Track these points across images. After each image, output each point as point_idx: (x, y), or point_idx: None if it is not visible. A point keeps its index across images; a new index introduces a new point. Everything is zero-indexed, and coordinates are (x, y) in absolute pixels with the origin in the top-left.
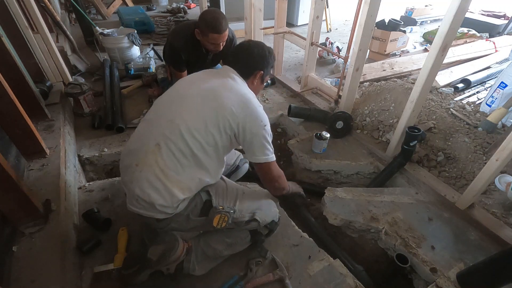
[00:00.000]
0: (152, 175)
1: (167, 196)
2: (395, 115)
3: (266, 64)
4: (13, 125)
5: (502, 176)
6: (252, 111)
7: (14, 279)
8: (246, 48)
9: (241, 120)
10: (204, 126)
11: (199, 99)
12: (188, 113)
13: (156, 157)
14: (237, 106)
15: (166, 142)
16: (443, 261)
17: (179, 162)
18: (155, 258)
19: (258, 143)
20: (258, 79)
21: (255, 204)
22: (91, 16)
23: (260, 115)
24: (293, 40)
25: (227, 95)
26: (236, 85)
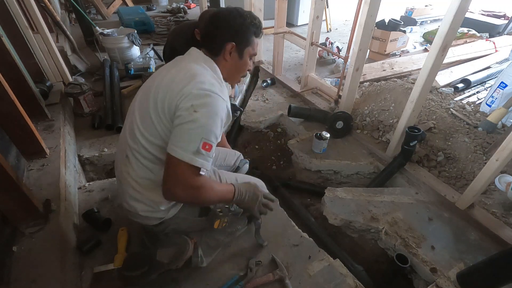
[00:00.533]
0: (130, 187)
1: (150, 204)
2: (395, 115)
3: (237, 31)
4: (13, 125)
5: (502, 176)
6: (191, 89)
7: (14, 279)
8: (211, 18)
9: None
10: (150, 121)
11: (148, 95)
12: (140, 116)
13: (128, 168)
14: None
15: (132, 152)
16: (443, 261)
17: (148, 168)
18: (167, 261)
19: (177, 129)
20: (234, 52)
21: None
22: (91, 16)
23: (195, 96)
24: (293, 40)
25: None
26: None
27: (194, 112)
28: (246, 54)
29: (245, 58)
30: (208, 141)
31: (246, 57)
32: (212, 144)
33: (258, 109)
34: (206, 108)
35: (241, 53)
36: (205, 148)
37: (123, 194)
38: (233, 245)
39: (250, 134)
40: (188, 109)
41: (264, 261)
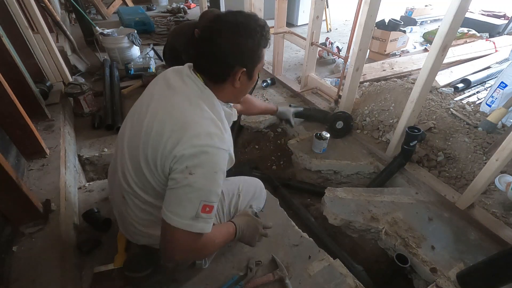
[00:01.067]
0: (132, 226)
1: (153, 237)
2: (395, 115)
3: (248, 54)
4: (13, 125)
5: (502, 176)
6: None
7: (14, 279)
8: (211, 38)
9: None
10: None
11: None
12: (131, 165)
13: (127, 209)
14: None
15: (128, 195)
16: (443, 261)
17: (147, 211)
18: (171, 266)
19: (172, 194)
20: (242, 77)
21: (250, 195)
22: (91, 16)
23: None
24: (293, 40)
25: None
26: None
27: (189, 174)
28: (256, 72)
29: (254, 76)
30: (209, 202)
31: (255, 74)
32: (213, 204)
33: None
34: (202, 168)
35: (251, 74)
36: (205, 211)
37: (125, 229)
38: (233, 245)
39: (250, 134)
40: (183, 172)
41: (264, 261)
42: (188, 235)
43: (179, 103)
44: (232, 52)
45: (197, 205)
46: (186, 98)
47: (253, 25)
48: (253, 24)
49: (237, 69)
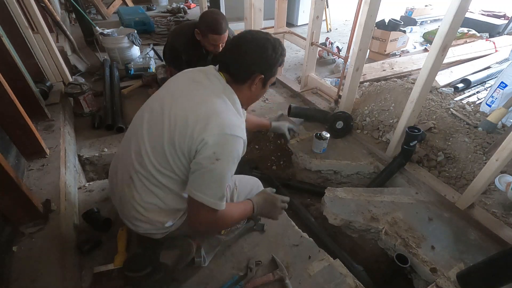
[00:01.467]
0: (134, 210)
1: (156, 223)
2: (395, 115)
3: (269, 64)
4: (13, 125)
5: (502, 176)
6: (212, 135)
7: (14, 279)
8: (241, 46)
9: (199, 143)
10: (163, 155)
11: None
12: (151, 145)
13: (132, 192)
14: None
15: (137, 175)
16: (443, 261)
17: (154, 193)
18: (171, 263)
19: (200, 178)
20: (258, 83)
21: (247, 191)
22: (91, 16)
23: (216, 143)
24: (293, 40)
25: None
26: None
27: (216, 160)
28: (269, 83)
29: (266, 86)
30: (228, 182)
31: (268, 85)
32: (229, 183)
33: (258, 109)
34: (227, 156)
35: (265, 83)
36: (225, 190)
37: (126, 215)
38: (233, 245)
39: (250, 134)
40: (210, 157)
41: (264, 261)
42: (212, 212)
43: (205, 95)
44: (257, 59)
45: (223, 188)
46: (212, 91)
47: (277, 45)
48: (277, 44)
49: (257, 75)
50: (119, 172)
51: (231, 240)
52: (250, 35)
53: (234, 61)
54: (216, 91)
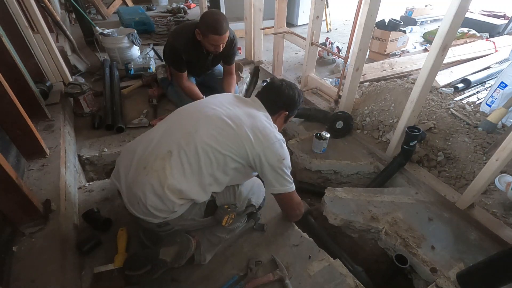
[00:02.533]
0: (156, 180)
1: (167, 203)
2: (395, 115)
3: (293, 106)
4: (13, 125)
5: (502, 176)
6: (271, 145)
7: (14, 279)
8: (278, 87)
9: (259, 153)
10: (219, 148)
11: (222, 122)
12: (208, 132)
13: (165, 163)
14: (256, 137)
15: (179, 151)
16: (443, 261)
17: (184, 173)
18: (170, 259)
19: (276, 176)
20: (282, 118)
21: (248, 189)
22: (91, 16)
23: (278, 149)
24: (293, 40)
25: (249, 124)
26: (260, 117)
27: (282, 160)
28: (289, 120)
29: (287, 122)
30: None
31: (287, 121)
32: None
33: None
34: (286, 153)
35: (287, 119)
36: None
37: (143, 184)
38: (233, 245)
39: None
40: (279, 160)
41: (264, 261)
42: (295, 194)
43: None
44: (289, 100)
45: (290, 176)
46: (256, 109)
47: (301, 92)
48: (301, 92)
49: (283, 111)
50: (148, 145)
51: (232, 239)
52: (283, 82)
53: (270, 96)
54: (259, 109)
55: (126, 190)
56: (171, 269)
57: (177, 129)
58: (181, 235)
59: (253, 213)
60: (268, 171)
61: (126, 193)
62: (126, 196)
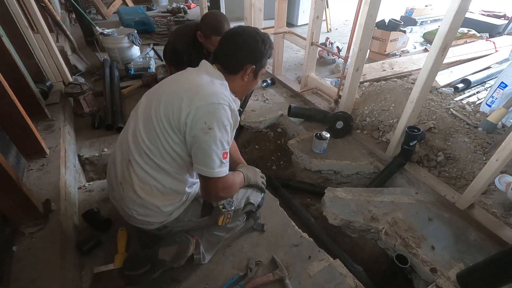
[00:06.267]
0: (133, 193)
1: (153, 208)
2: (395, 115)
3: (259, 57)
4: (13, 125)
5: (502, 176)
6: (199, 106)
7: (14, 279)
8: (233, 39)
9: (188, 112)
10: (154, 133)
11: (150, 106)
12: (144, 126)
13: (131, 174)
14: (187, 97)
15: (135, 157)
16: (443, 261)
17: (151, 175)
18: (169, 259)
19: (199, 150)
20: (250, 74)
21: (246, 188)
22: (91, 16)
23: (205, 113)
24: (293, 40)
25: (183, 88)
26: (201, 80)
27: (209, 129)
28: (259, 75)
29: (258, 77)
30: (225, 150)
31: (259, 77)
32: (227, 151)
33: (258, 109)
34: (218, 122)
35: (256, 74)
36: (224, 157)
37: (124, 199)
38: (233, 245)
39: (250, 134)
40: (203, 128)
41: (264, 261)
42: (220, 180)
43: (190, 75)
44: (249, 51)
45: (220, 155)
46: (197, 73)
47: (266, 38)
48: (266, 38)
49: (249, 66)
50: (118, 160)
51: (231, 238)
52: (241, 30)
53: (228, 53)
54: (201, 73)
55: (118, 207)
56: (171, 269)
57: (128, 133)
58: (180, 235)
59: (252, 212)
60: (191, 142)
61: (119, 209)
62: (120, 212)
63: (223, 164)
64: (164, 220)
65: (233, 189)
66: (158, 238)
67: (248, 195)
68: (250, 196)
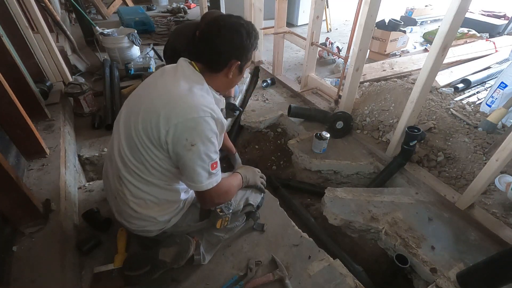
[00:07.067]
0: (128, 207)
1: (150, 219)
2: (395, 115)
3: (244, 51)
4: (13, 125)
5: (502, 176)
6: (178, 123)
7: (14, 279)
8: (215, 34)
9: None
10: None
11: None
12: (126, 142)
13: (124, 190)
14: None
15: (124, 175)
16: (443, 261)
17: (142, 190)
18: (169, 260)
19: (185, 166)
20: (235, 70)
21: (245, 189)
22: (91, 16)
23: (185, 129)
24: (293, 40)
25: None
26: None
27: (191, 146)
28: (245, 68)
29: (243, 72)
30: (213, 160)
31: (244, 70)
32: (216, 160)
33: (258, 109)
34: (200, 137)
35: (241, 69)
36: (213, 167)
37: (122, 213)
38: (233, 245)
39: (250, 134)
40: (185, 145)
41: (264, 261)
42: (212, 190)
43: (170, 83)
44: (231, 46)
45: (207, 168)
46: (174, 79)
47: (250, 29)
48: (250, 28)
49: (234, 61)
50: (109, 173)
51: (231, 238)
52: (223, 23)
53: (208, 50)
54: (178, 76)
55: (116, 216)
56: (171, 269)
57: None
58: (181, 236)
59: (252, 212)
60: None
61: (117, 218)
62: (118, 221)
63: (213, 175)
64: (163, 228)
65: (230, 193)
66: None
67: (247, 196)
68: (249, 197)
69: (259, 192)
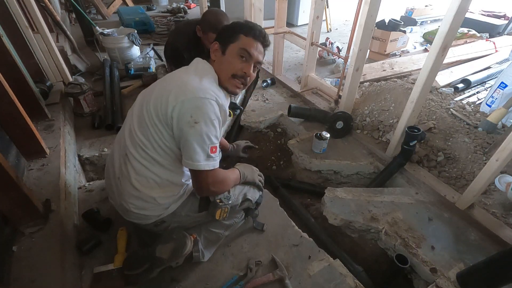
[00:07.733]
0: (130, 186)
1: (149, 200)
2: (395, 115)
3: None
4: (13, 125)
5: (502, 176)
6: (185, 99)
7: (14, 279)
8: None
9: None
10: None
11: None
12: (137, 121)
13: (128, 167)
14: (174, 92)
15: (131, 152)
16: (443, 261)
17: (147, 168)
18: (166, 257)
19: (185, 143)
20: (216, 51)
21: (243, 185)
22: (91, 16)
23: (191, 107)
24: (293, 40)
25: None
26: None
27: (195, 123)
28: (229, 50)
29: (227, 53)
30: (213, 144)
31: (229, 52)
32: (216, 145)
33: (258, 109)
34: (204, 116)
35: (224, 50)
36: (212, 151)
37: (121, 193)
38: (233, 245)
39: (250, 134)
40: (189, 122)
41: (264, 261)
42: (209, 174)
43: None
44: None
45: (207, 149)
46: (186, 72)
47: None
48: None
49: (214, 44)
50: (115, 156)
51: (230, 237)
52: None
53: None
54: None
55: (115, 204)
56: (171, 269)
57: (125, 128)
58: (177, 232)
59: (251, 209)
60: (178, 136)
61: (116, 206)
62: (120, 210)
63: (211, 158)
64: (161, 214)
65: (226, 184)
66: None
67: (245, 192)
68: (247, 193)
69: (257, 189)
